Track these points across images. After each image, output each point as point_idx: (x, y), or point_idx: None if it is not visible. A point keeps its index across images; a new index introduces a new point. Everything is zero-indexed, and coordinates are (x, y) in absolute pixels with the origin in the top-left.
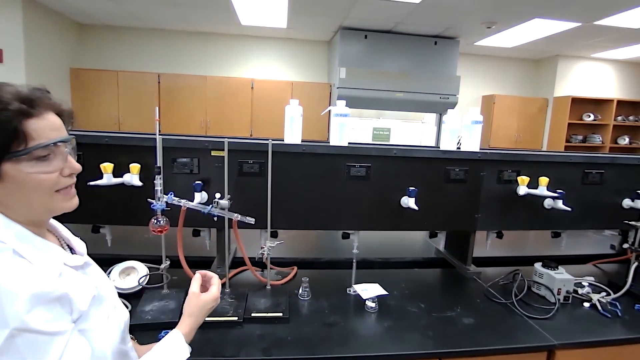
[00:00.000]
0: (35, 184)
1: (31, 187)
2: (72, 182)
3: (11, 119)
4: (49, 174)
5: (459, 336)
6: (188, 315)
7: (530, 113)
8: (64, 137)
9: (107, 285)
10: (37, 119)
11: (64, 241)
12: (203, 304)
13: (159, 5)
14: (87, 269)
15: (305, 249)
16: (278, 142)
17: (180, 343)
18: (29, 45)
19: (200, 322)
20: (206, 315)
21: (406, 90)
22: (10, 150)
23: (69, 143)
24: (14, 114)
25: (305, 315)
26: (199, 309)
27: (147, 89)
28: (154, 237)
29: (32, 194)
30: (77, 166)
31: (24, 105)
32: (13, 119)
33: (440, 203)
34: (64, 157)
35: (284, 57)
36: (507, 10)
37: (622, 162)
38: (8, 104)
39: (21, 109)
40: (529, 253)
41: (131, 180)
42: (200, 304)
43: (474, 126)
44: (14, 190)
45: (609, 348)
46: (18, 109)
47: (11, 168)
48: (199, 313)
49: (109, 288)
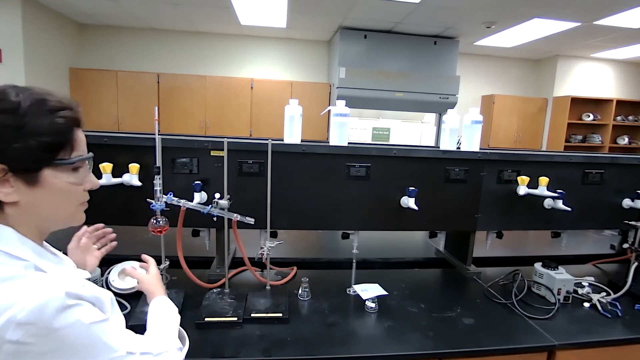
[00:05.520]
0: (68, 193)
1: (64, 196)
2: (88, 197)
3: (67, 125)
4: (78, 186)
5: (459, 336)
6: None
7: (530, 113)
8: (92, 153)
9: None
10: (79, 131)
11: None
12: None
13: (158, 5)
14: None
15: (305, 249)
16: (278, 142)
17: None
18: (29, 45)
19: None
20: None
21: (406, 90)
22: (58, 157)
23: (91, 160)
24: (70, 121)
25: (305, 315)
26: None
27: (147, 89)
28: (153, 237)
29: (61, 203)
30: (97, 182)
31: (74, 115)
32: (67, 126)
33: (440, 203)
34: (86, 172)
35: (284, 57)
36: (507, 10)
37: (622, 162)
38: (61, 110)
39: (73, 117)
40: (529, 253)
41: (130, 180)
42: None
43: (474, 126)
44: (46, 197)
45: (609, 348)
46: (71, 116)
47: (51, 175)
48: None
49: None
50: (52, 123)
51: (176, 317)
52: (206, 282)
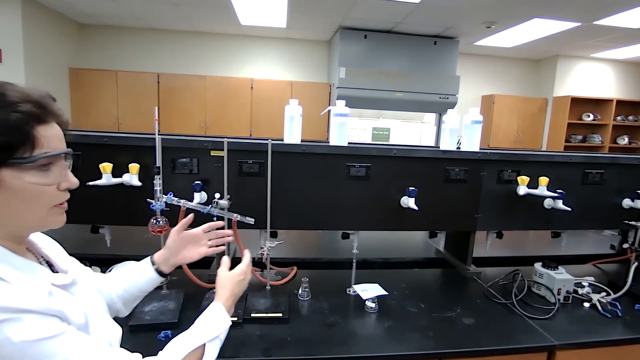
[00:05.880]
0: (34, 195)
1: (29, 198)
2: (67, 197)
3: (22, 122)
4: (48, 187)
5: (459, 336)
6: (220, 287)
7: (530, 113)
8: (69, 149)
9: (96, 304)
10: (47, 126)
11: (43, 258)
12: (231, 277)
13: (158, 5)
14: (72, 288)
15: (305, 249)
16: (278, 142)
17: (220, 312)
18: (28, 45)
19: (235, 294)
20: (240, 287)
21: (406, 90)
22: (15, 156)
23: (70, 156)
24: (26, 116)
25: (305, 315)
26: (229, 280)
27: (147, 89)
28: (153, 238)
29: (27, 206)
30: (75, 181)
31: (36, 110)
32: (24, 122)
33: (440, 203)
34: (63, 171)
35: (284, 57)
36: (507, 10)
37: (622, 162)
38: (18, 105)
39: (34, 112)
40: (529, 253)
41: (130, 180)
42: (229, 276)
43: (474, 126)
44: (8, 200)
45: (609, 348)
46: (30, 111)
47: (10, 175)
48: (230, 285)
49: (98, 307)
50: (5, 119)
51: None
52: (206, 282)
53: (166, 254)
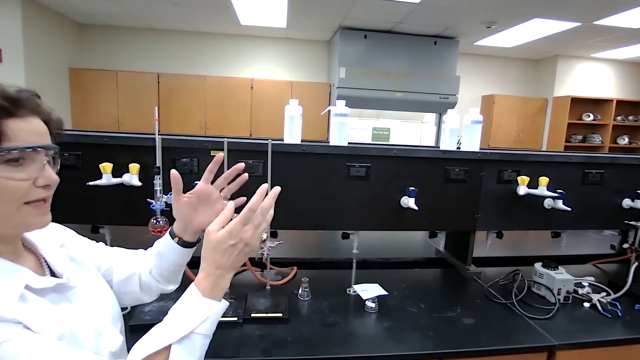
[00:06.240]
0: (2, 190)
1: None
2: (46, 195)
3: None
4: (19, 182)
5: (459, 336)
6: (202, 258)
7: (530, 113)
8: (45, 144)
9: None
10: (19, 120)
11: (44, 260)
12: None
13: (158, 5)
14: (69, 292)
15: (305, 249)
16: (278, 142)
17: (193, 301)
18: (28, 45)
19: (223, 266)
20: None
21: (406, 90)
22: None
23: (51, 152)
24: None
25: (305, 315)
26: (210, 249)
27: (147, 89)
28: (153, 238)
29: None
30: (55, 177)
31: (5, 103)
32: None
33: (440, 203)
34: (40, 166)
35: (284, 57)
36: (507, 10)
37: (622, 162)
38: None
39: (2, 105)
40: (529, 253)
41: (130, 180)
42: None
43: (474, 126)
44: None
45: (610, 348)
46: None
47: None
48: (210, 255)
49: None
50: None
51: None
52: None
53: (180, 224)
